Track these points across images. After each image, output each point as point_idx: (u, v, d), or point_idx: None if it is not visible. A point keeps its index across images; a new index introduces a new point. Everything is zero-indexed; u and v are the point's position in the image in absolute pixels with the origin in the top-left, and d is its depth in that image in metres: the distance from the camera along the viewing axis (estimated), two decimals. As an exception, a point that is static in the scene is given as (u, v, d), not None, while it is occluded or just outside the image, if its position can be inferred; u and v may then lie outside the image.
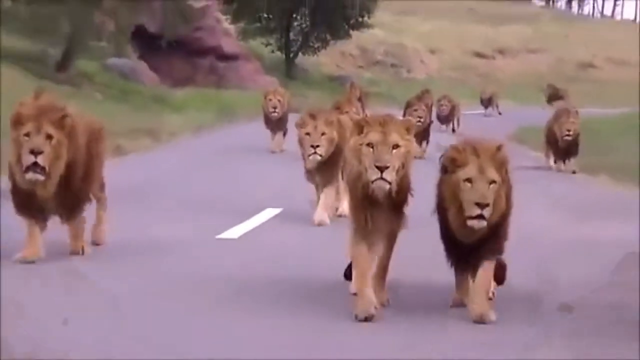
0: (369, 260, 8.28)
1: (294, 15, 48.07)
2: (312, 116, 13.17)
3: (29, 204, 9.55)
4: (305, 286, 9.33)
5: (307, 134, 12.99)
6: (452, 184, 7.89)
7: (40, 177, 9.21)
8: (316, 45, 49.14)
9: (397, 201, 8.20)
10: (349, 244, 8.53)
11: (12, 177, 9.55)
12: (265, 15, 47.42)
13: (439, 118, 30.15)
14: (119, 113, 26.79)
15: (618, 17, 75.29)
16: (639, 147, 22.75)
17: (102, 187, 11.09)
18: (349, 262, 8.92)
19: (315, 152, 12.93)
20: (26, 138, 9.15)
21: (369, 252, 8.30)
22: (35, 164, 9.10)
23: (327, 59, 51.34)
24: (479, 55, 60.79)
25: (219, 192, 16.31)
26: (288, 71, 47.46)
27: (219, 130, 28.28)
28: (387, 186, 7.90)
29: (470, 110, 40.66)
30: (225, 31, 44.51)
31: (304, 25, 48.52)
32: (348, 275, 9.01)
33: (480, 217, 7.71)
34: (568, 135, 20.90)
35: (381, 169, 7.82)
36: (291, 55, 48.66)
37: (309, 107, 17.73)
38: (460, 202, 7.83)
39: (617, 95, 47.43)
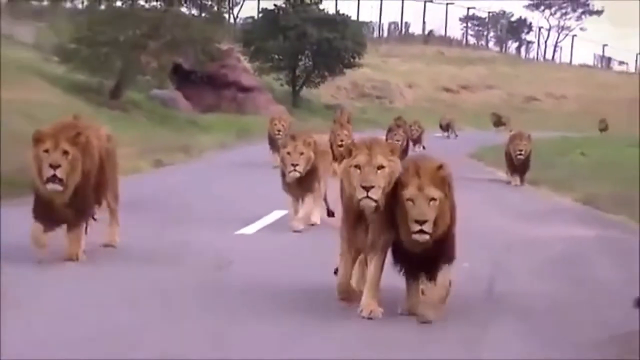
0: (351, 266, 7.86)
1: (299, 57, 48.07)
2: (293, 137, 12.52)
3: (46, 212, 9.13)
4: (308, 266, 9.45)
5: (288, 153, 12.28)
6: (400, 202, 7.28)
7: (59, 188, 8.91)
8: (317, 81, 49.15)
9: (384, 218, 7.48)
10: (340, 258, 7.90)
11: (34, 188, 9.17)
12: (277, 57, 47.41)
13: (411, 140, 30.17)
14: (160, 133, 26.89)
15: (557, 61, 75.19)
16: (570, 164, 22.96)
17: (116, 197, 10.41)
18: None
19: (294, 170, 12.22)
20: (45, 154, 8.86)
21: (360, 264, 7.92)
22: (54, 176, 8.83)
23: (325, 91, 51.35)
24: (447, 89, 60.79)
25: (236, 197, 16.35)
26: (294, 101, 47.45)
27: (238, 147, 28.32)
28: (373, 204, 7.32)
29: (439, 134, 40.77)
30: (244, 68, 44.52)
31: (307, 65, 48.52)
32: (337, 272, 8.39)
33: (421, 232, 7.08)
34: (520, 154, 20.71)
35: (367, 189, 7.28)
36: (297, 88, 48.67)
37: (293, 130, 17.66)
38: (407, 218, 7.19)
39: (556, 122, 47.46)
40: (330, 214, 12.90)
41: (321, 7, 49.38)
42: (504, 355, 6.83)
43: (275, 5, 49.22)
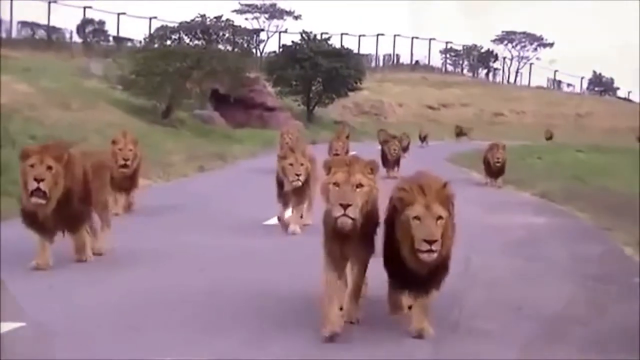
0: (337, 286, 6.29)
1: (312, 83, 47.98)
2: (292, 150, 11.42)
3: (33, 221, 8.15)
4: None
5: (291, 164, 11.10)
6: (403, 221, 5.90)
7: (42, 201, 7.95)
8: (326, 101, 49.03)
9: (364, 232, 6.20)
10: (322, 270, 6.46)
11: (21, 200, 8.27)
12: (294, 83, 47.34)
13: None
14: (201, 145, 26.91)
15: (518, 83, 75.21)
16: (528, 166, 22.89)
17: (104, 207, 9.31)
18: None
19: (298, 179, 11.06)
20: (31, 168, 7.92)
21: (339, 278, 6.34)
22: (38, 189, 7.89)
23: (333, 110, 51.25)
24: (430, 107, 60.63)
25: (263, 194, 16.36)
26: (308, 118, 47.34)
27: (264, 156, 28.20)
28: (350, 222, 6.00)
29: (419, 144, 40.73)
30: (268, 92, 44.45)
31: (318, 89, 48.42)
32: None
33: (430, 251, 5.78)
34: (497, 162, 19.93)
35: (344, 207, 5.99)
36: (310, 107, 48.56)
37: (291, 143, 17.13)
38: (412, 237, 5.83)
39: (517, 133, 47.37)
40: None
41: (330, 42, 49.44)
42: (476, 314, 6.88)
43: (293, 41, 49.38)
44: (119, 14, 51.60)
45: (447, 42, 72.96)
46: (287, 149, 11.81)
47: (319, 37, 48.83)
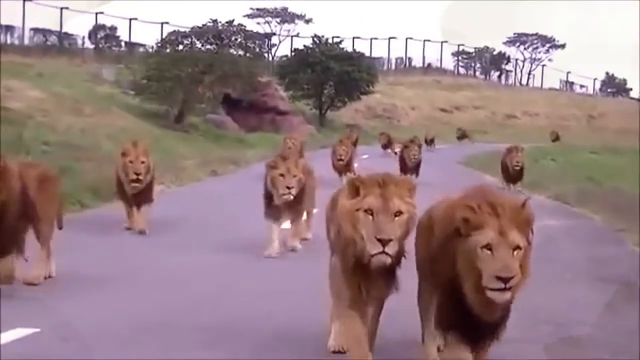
0: (363, 327, 5.10)
1: (324, 86, 47.94)
2: (284, 158, 9.86)
3: None
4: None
5: (281, 175, 9.52)
6: (467, 250, 4.43)
7: None
8: (338, 105, 48.96)
9: (391, 267, 5.01)
10: (336, 308, 5.45)
11: None
12: (306, 86, 47.29)
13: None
14: (214, 149, 26.97)
15: (530, 85, 75.03)
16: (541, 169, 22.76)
17: (49, 225, 8.12)
18: None
19: (289, 193, 9.49)
20: None
21: (362, 317, 5.12)
22: None
23: (345, 113, 51.18)
24: (442, 110, 60.51)
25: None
26: (320, 122, 47.32)
27: (277, 159, 28.35)
28: (389, 260, 4.81)
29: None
30: (280, 97, 44.44)
31: (330, 93, 48.37)
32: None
33: (503, 290, 4.33)
34: (517, 166, 18.91)
35: (384, 243, 4.73)
36: (322, 111, 48.52)
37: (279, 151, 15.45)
38: (479, 272, 4.38)
39: (530, 135, 47.21)
40: None
41: (341, 46, 49.45)
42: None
43: (304, 45, 49.41)
44: (130, 20, 51.80)
45: (459, 45, 72.91)
46: (278, 157, 10.13)
47: (330, 40, 48.84)
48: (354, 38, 61.45)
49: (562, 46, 77.12)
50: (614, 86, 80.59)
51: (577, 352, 6.03)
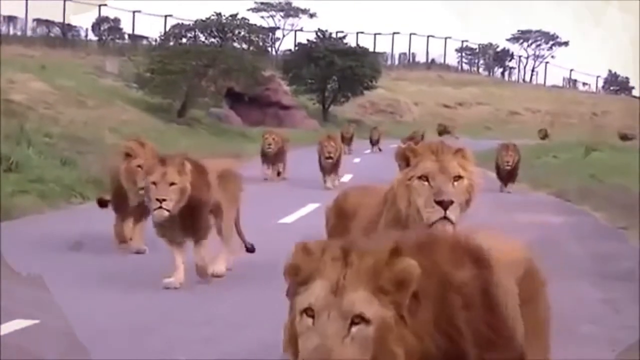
0: None
1: (328, 81, 47.94)
2: (163, 162, 7.42)
3: None
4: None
5: (154, 183, 7.32)
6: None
7: None
8: (342, 100, 49.00)
9: None
10: None
11: None
12: (310, 81, 47.30)
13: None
14: (217, 143, 26.97)
15: (534, 82, 75.02)
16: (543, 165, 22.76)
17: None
18: None
19: (161, 207, 7.27)
20: None
21: None
22: None
23: (348, 108, 51.16)
24: (446, 106, 60.48)
25: (277, 193, 16.40)
26: (324, 116, 47.37)
27: (279, 153, 28.42)
28: (451, 227, 4.03)
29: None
30: (284, 91, 44.48)
31: (334, 87, 48.38)
32: None
33: None
34: (507, 165, 18.35)
35: (444, 204, 4.07)
36: (326, 106, 48.56)
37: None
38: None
39: (533, 131, 47.13)
40: (250, 249, 8.90)
41: (345, 41, 49.43)
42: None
43: (308, 40, 49.45)
44: (134, 12, 51.75)
45: (462, 41, 72.81)
46: (154, 160, 7.66)
47: (334, 35, 48.85)
48: (357, 33, 61.37)
49: (566, 43, 77.14)
50: (616, 84, 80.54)
51: (578, 349, 6.02)
